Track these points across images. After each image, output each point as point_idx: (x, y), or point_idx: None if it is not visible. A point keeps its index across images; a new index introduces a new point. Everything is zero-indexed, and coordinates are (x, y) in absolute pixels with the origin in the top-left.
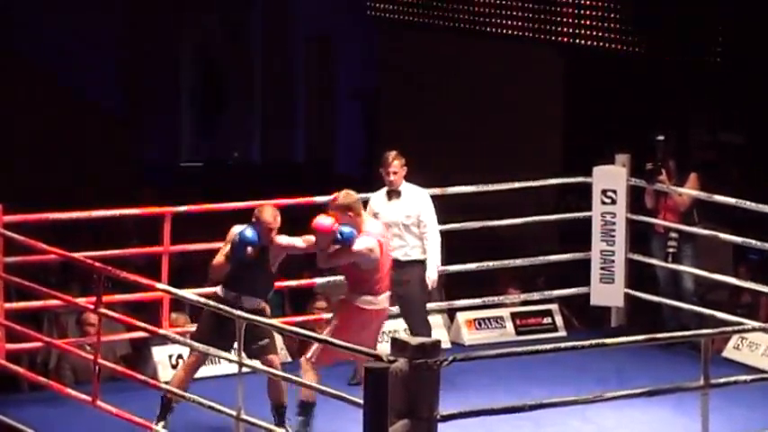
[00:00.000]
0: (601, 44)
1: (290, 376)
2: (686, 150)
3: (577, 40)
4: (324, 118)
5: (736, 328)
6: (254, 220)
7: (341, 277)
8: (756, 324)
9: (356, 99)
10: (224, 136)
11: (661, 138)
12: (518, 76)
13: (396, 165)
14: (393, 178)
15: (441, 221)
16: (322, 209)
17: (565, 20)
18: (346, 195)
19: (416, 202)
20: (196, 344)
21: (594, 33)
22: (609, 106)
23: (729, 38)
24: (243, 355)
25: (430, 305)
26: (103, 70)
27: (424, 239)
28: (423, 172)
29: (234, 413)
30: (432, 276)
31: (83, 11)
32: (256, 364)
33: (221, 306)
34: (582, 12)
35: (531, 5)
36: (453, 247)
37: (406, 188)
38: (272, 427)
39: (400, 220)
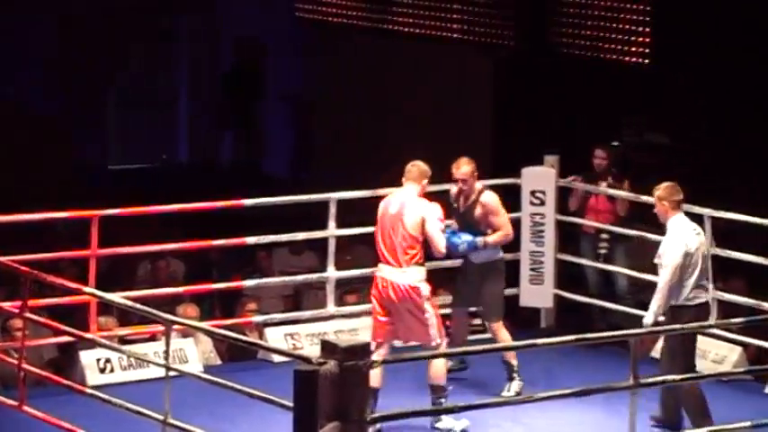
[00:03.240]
0: (528, 45)
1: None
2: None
3: (505, 42)
4: (252, 119)
5: (664, 327)
6: None
7: (271, 279)
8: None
9: (285, 100)
10: (152, 137)
11: (616, 143)
12: (447, 78)
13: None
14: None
15: (370, 223)
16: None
17: (492, 21)
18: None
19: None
20: None
21: (522, 34)
22: (537, 108)
23: (656, 38)
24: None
25: (361, 307)
26: (32, 71)
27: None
28: (352, 173)
29: (161, 417)
30: None
31: (12, 12)
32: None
33: None
34: (509, 13)
35: (458, 7)
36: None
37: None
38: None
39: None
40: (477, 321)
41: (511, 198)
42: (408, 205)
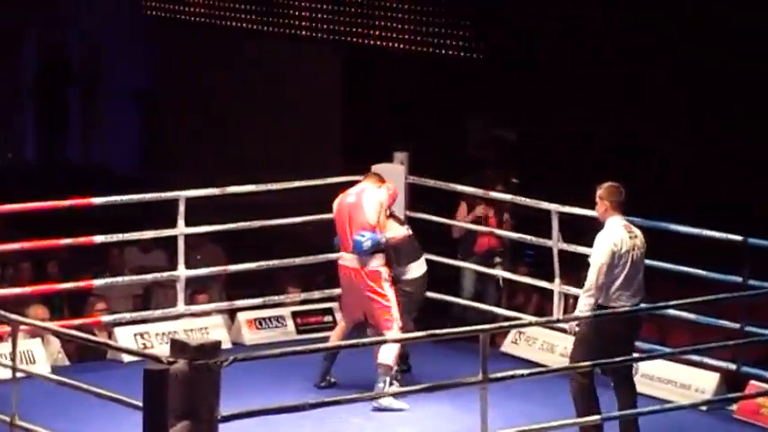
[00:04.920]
0: (379, 42)
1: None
2: (463, 148)
3: (356, 39)
4: (99, 118)
5: (512, 323)
6: None
7: (119, 278)
8: (533, 318)
9: (133, 99)
10: None
11: (515, 181)
12: (297, 75)
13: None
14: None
15: (219, 221)
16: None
17: (343, 18)
18: None
19: None
20: None
21: (372, 32)
22: (388, 104)
23: (500, 34)
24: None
25: (211, 306)
26: None
27: None
28: (200, 172)
29: (8, 419)
30: None
31: None
32: None
33: None
34: (360, 10)
35: (309, 4)
36: (233, 246)
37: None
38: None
39: None
40: (329, 318)
41: None
42: (365, 193)
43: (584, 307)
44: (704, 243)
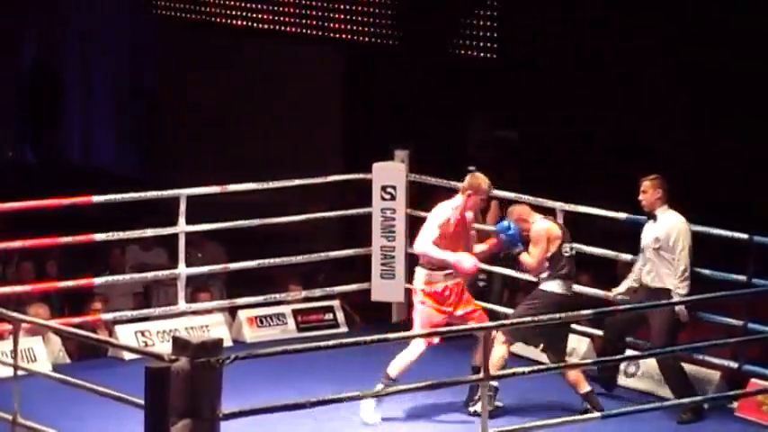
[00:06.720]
0: (380, 41)
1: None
2: (464, 148)
3: (357, 38)
4: (99, 118)
5: (513, 320)
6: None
7: (120, 276)
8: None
9: (134, 98)
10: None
11: (472, 168)
12: (297, 75)
13: (644, 185)
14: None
15: (222, 219)
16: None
17: (343, 17)
18: None
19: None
20: None
21: (373, 30)
22: (388, 104)
23: (502, 35)
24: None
25: (212, 304)
26: None
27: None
28: (200, 172)
29: (9, 417)
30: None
31: None
32: None
33: None
34: (360, 9)
35: (310, 3)
36: (235, 244)
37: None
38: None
39: (649, 244)
40: (329, 316)
41: (363, 194)
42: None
43: (686, 291)
44: (702, 241)
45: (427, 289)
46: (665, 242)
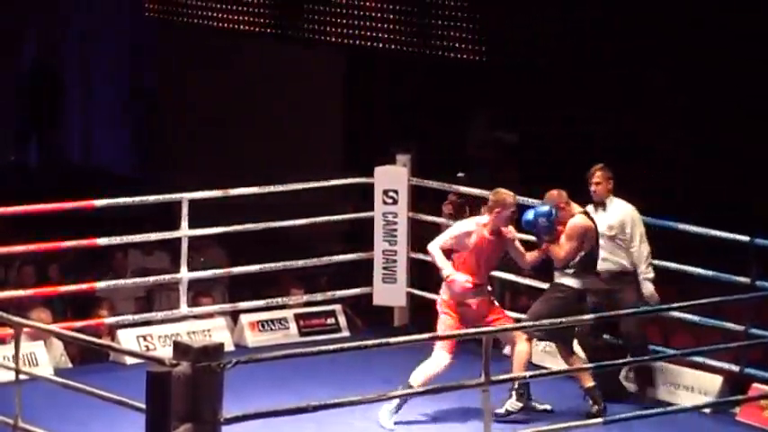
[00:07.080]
0: (380, 44)
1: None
2: (464, 148)
3: (358, 41)
4: (99, 118)
5: (515, 325)
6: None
7: (122, 281)
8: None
9: (134, 99)
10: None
11: (461, 174)
12: (297, 75)
13: (598, 176)
14: (594, 189)
15: (223, 223)
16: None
17: (344, 20)
18: None
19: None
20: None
21: (374, 34)
22: (389, 104)
23: (501, 35)
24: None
25: (214, 308)
26: None
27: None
28: (200, 172)
29: (11, 422)
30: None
31: None
32: None
33: None
34: (361, 12)
35: (311, 6)
36: (236, 248)
37: (613, 201)
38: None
39: (604, 232)
40: (331, 321)
41: (365, 197)
42: None
43: (653, 274)
44: (699, 242)
45: (452, 302)
46: (620, 230)
